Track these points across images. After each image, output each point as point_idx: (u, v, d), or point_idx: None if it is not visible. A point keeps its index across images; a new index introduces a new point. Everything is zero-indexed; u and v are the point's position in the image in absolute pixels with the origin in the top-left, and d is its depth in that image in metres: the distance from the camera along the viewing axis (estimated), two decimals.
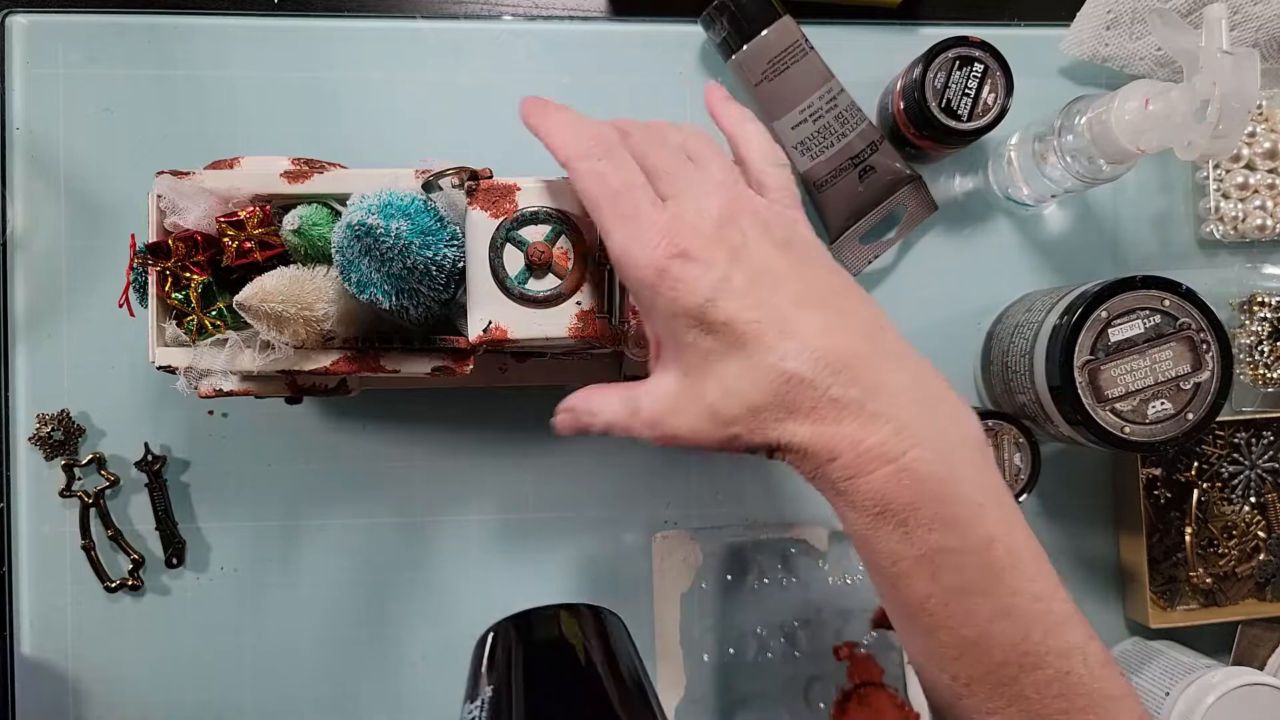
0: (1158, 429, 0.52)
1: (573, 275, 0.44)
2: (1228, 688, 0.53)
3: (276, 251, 0.46)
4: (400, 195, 0.44)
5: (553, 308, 0.44)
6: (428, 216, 0.44)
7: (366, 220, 0.42)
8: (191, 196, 0.46)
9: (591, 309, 0.44)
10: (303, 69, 0.60)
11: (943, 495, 0.34)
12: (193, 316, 0.46)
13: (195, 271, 0.46)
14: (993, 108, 0.55)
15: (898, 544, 0.34)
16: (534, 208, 0.44)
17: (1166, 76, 0.61)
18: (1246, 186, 0.62)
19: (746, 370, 0.35)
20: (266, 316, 0.43)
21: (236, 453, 0.59)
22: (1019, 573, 0.34)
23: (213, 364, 0.46)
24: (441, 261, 0.44)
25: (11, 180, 0.58)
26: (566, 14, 0.62)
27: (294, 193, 0.47)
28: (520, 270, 0.44)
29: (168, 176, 0.46)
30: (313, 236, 0.45)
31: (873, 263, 0.61)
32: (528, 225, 0.44)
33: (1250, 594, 0.62)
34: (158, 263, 0.46)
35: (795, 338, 0.34)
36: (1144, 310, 0.51)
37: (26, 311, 0.59)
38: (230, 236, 0.46)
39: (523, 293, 0.44)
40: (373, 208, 0.43)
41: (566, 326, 0.44)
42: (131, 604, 0.59)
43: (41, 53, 0.59)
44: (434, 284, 0.44)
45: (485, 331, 0.44)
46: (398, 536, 0.60)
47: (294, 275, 0.45)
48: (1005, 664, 0.34)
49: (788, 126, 0.58)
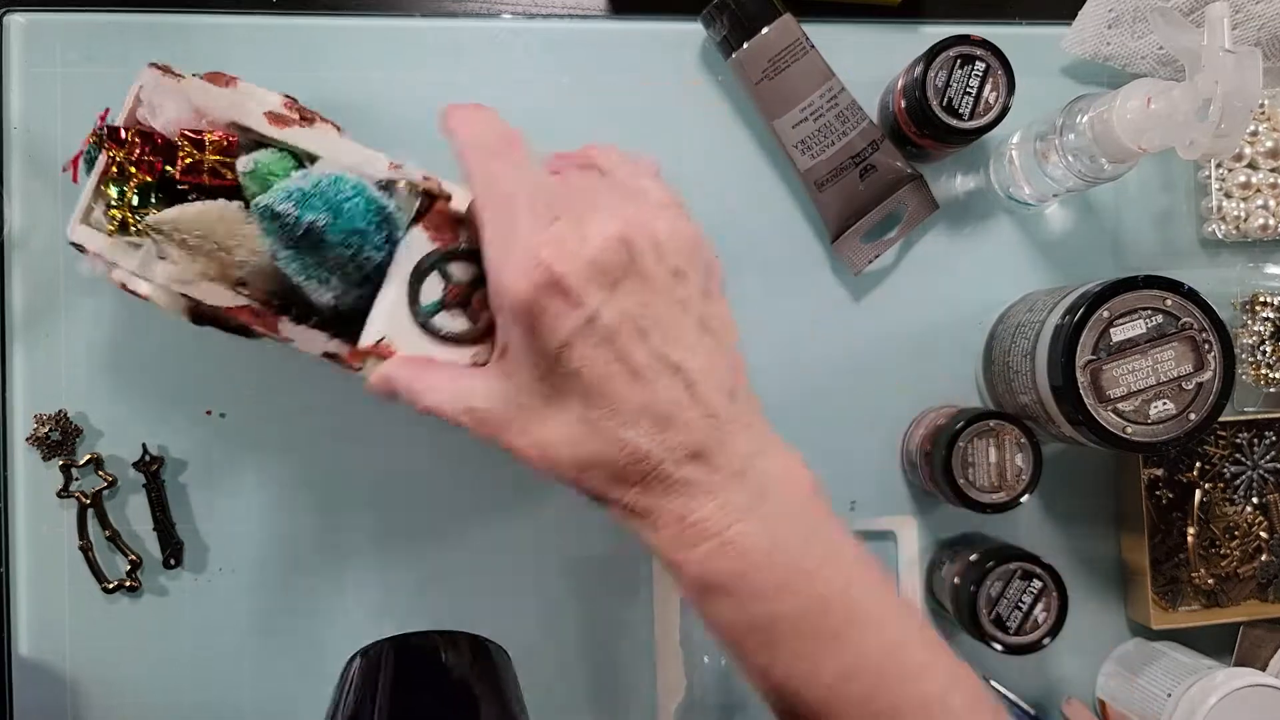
0: (1160, 429, 0.51)
1: (482, 327, 0.43)
2: (1229, 689, 0.53)
3: (226, 184, 0.45)
4: (344, 184, 0.42)
5: (450, 348, 0.43)
6: (362, 216, 0.42)
7: (275, 207, 0.41)
8: (171, 97, 0.45)
9: (485, 364, 0.44)
10: (303, 68, 0.60)
11: (769, 564, 0.33)
12: (120, 212, 0.46)
13: (141, 171, 0.45)
14: (994, 106, 0.55)
15: (729, 612, 0.34)
16: (473, 249, 0.43)
17: (1168, 75, 0.61)
18: (1249, 186, 0.61)
19: (586, 425, 0.34)
20: (177, 244, 0.42)
21: (235, 453, 0.59)
22: (864, 629, 0.34)
23: (124, 263, 0.46)
24: (363, 261, 0.43)
25: (9, 180, 0.58)
26: (566, 12, 0.61)
27: (271, 135, 0.46)
28: (434, 301, 0.43)
29: (156, 71, 0.45)
30: (267, 185, 0.44)
31: (873, 262, 0.61)
32: (460, 261, 0.44)
33: (1252, 595, 0.62)
34: (112, 148, 0.45)
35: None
36: (1146, 310, 0.51)
37: (24, 311, 0.58)
38: (185, 151, 0.45)
39: (427, 323, 0.43)
40: (292, 194, 0.41)
41: None
42: (129, 605, 0.59)
43: (40, 52, 0.58)
44: (348, 279, 0.43)
45: (375, 344, 0.43)
46: (398, 537, 0.60)
47: (223, 213, 0.43)
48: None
49: (788, 125, 0.58)
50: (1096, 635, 0.62)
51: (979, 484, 0.55)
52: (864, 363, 0.62)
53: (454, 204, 0.44)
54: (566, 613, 0.61)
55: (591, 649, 0.61)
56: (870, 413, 0.62)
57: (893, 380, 0.62)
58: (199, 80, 0.47)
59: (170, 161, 0.45)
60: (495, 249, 0.35)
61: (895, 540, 0.61)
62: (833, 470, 0.61)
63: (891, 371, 0.62)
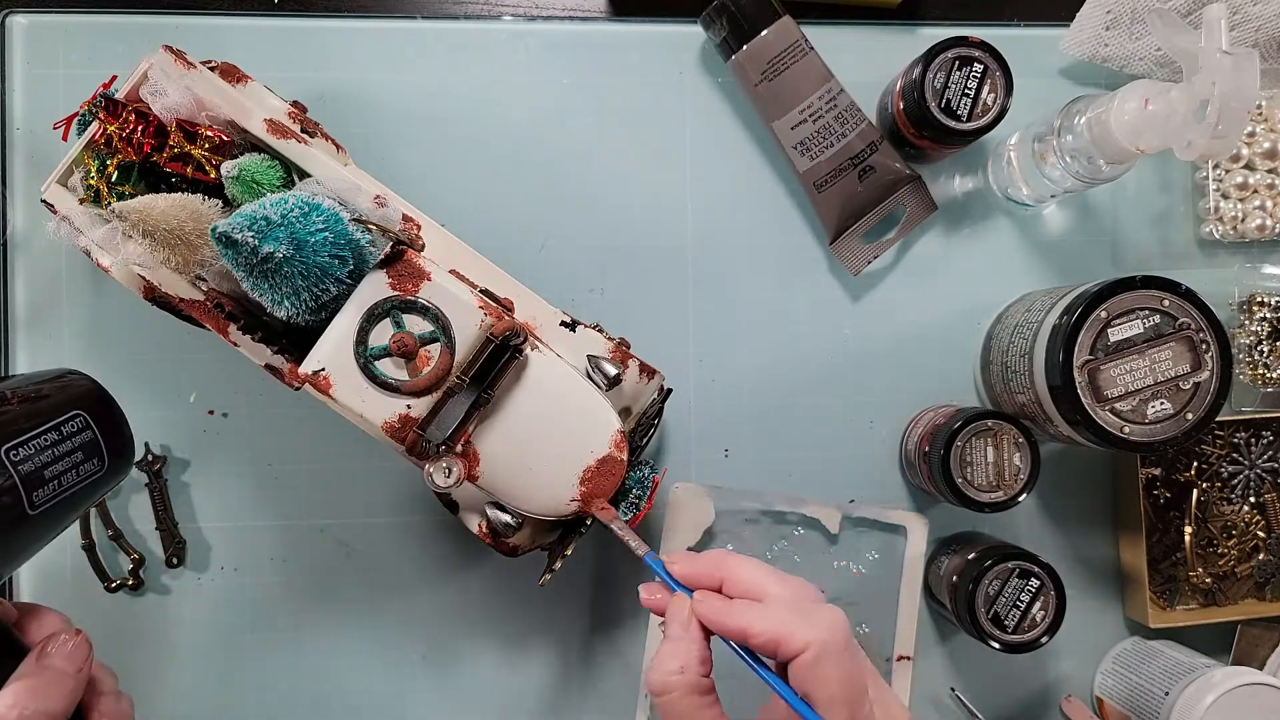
0: (1157, 429, 0.52)
1: (422, 380, 0.44)
2: (1227, 687, 0.53)
3: (207, 179, 0.45)
4: (315, 217, 0.42)
5: (386, 394, 0.44)
6: (327, 251, 0.42)
7: (233, 235, 0.40)
8: (176, 83, 0.45)
9: (417, 419, 0.44)
10: (303, 69, 0.60)
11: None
12: (98, 184, 0.46)
13: (128, 149, 0.45)
14: (992, 108, 0.56)
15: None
16: (429, 304, 0.44)
17: (1166, 77, 0.61)
18: (1246, 186, 0.62)
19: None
20: (142, 232, 0.42)
21: (236, 453, 0.59)
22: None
23: (90, 233, 0.46)
24: (320, 293, 0.43)
25: (12, 180, 0.58)
26: (566, 14, 0.62)
27: (266, 141, 0.46)
28: (380, 346, 0.44)
29: (169, 55, 0.45)
30: (252, 191, 0.44)
31: (872, 263, 0.61)
32: (414, 314, 0.44)
33: (1249, 594, 0.62)
34: (107, 119, 0.45)
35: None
36: (1143, 310, 0.51)
37: (26, 311, 0.59)
38: (176, 140, 0.45)
39: (368, 365, 0.44)
40: (256, 222, 0.41)
41: (386, 418, 0.44)
42: (132, 603, 0.59)
43: (42, 53, 0.59)
44: (303, 305, 0.43)
45: (314, 374, 0.44)
46: (398, 536, 0.60)
47: (195, 210, 0.43)
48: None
49: (787, 127, 0.58)
50: (1094, 634, 0.62)
51: (977, 483, 0.55)
52: (862, 363, 0.62)
53: (516, 313, 0.46)
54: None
55: (589, 629, 0.61)
56: (869, 413, 0.62)
57: (891, 380, 0.62)
58: (209, 73, 0.47)
59: (159, 147, 0.45)
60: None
61: (905, 535, 0.61)
62: (832, 470, 0.62)
63: (890, 371, 0.62)
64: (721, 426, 0.61)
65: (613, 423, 0.47)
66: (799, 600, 0.39)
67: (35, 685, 0.38)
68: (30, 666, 0.39)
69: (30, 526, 0.39)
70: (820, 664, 0.37)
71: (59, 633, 0.40)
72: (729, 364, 0.61)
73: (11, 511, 0.38)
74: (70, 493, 0.41)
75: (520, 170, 0.61)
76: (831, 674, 0.37)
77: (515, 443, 0.46)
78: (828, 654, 0.37)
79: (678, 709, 0.38)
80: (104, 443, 0.43)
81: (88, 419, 0.42)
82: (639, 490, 0.50)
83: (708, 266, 0.61)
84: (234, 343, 0.47)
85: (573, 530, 0.50)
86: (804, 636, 0.37)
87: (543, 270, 0.60)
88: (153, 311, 0.51)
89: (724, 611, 0.39)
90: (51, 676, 0.39)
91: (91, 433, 0.42)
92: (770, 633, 0.38)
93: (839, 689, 0.37)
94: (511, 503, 0.47)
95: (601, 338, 0.50)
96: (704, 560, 0.42)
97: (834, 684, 0.37)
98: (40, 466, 0.39)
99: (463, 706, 0.60)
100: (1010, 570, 0.55)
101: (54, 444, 0.40)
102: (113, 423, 0.43)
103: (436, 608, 0.60)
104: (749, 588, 0.40)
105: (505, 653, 0.61)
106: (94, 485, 0.42)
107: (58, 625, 0.42)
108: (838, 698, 0.37)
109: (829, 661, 0.37)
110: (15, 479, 0.38)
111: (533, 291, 0.50)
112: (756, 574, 0.40)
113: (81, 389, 0.43)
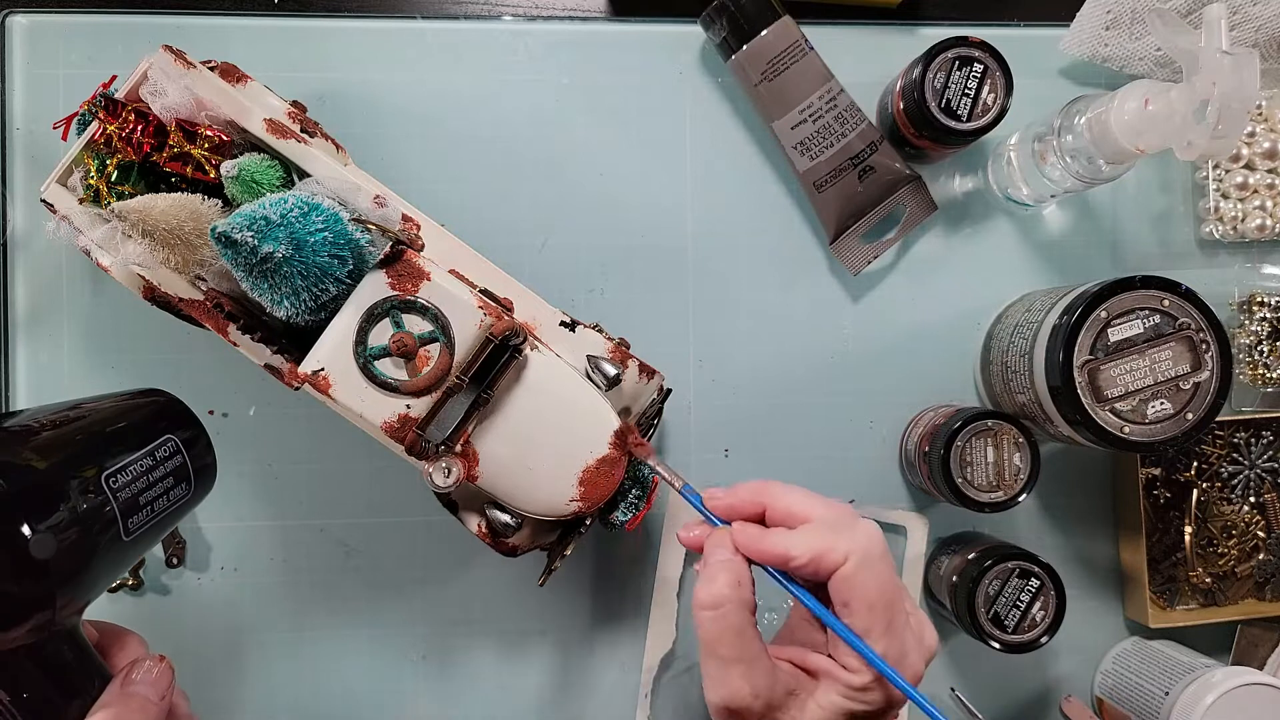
0: (1157, 429, 0.52)
1: (422, 380, 0.44)
2: (1227, 687, 0.53)
3: (207, 179, 0.45)
4: (315, 216, 0.42)
5: (386, 394, 0.44)
6: (327, 251, 0.42)
7: (232, 235, 0.40)
8: (176, 83, 0.45)
9: (416, 419, 0.44)
10: (303, 69, 0.60)
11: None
12: (97, 183, 0.46)
13: (128, 149, 0.45)
14: (992, 108, 0.56)
15: None
16: (429, 304, 0.44)
17: (1166, 77, 0.61)
18: (1246, 186, 0.62)
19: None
20: (141, 232, 0.42)
21: (236, 452, 0.59)
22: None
23: (90, 233, 0.46)
24: (320, 293, 0.43)
25: (12, 180, 0.58)
26: (566, 14, 0.62)
27: (266, 141, 0.46)
28: (380, 346, 0.44)
29: (169, 55, 0.45)
30: (251, 191, 0.44)
31: (873, 263, 0.61)
32: (413, 314, 0.44)
33: (1249, 594, 0.62)
34: (106, 118, 0.45)
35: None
36: (1143, 310, 0.51)
37: (27, 311, 0.59)
38: (175, 140, 0.45)
39: (367, 364, 0.44)
40: (255, 222, 0.40)
41: (385, 418, 0.44)
42: (132, 603, 0.59)
43: (42, 53, 0.59)
44: (303, 305, 0.43)
45: (313, 374, 0.44)
46: (398, 536, 0.60)
47: (195, 210, 0.43)
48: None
49: (787, 127, 0.58)
50: (1094, 634, 0.62)
51: (977, 483, 0.55)
52: (862, 363, 0.62)
53: (516, 313, 0.46)
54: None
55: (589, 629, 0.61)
56: (869, 413, 0.62)
57: (891, 380, 0.62)
58: (209, 73, 0.47)
59: (159, 147, 0.45)
60: (892, 644, 0.39)
61: (905, 534, 0.61)
62: (832, 470, 0.62)
63: (890, 371, 0.62)
64: (721, 426, 0.61)
65: (612, 423, 0.47)
66: (839, 519, 0.40)
67: (121, 715, 0.37)
68: (114, 694, 0.38)
69: (121, 552, 0.39)
70: (860, 572, 0.38)
71: (142, 658, 0.40)
72: (729, 364, 0.61)
73: (110, 538, 0.37)
74: (160, 518, 0.40)
75: (520, 170, 0.61)
76: (870, 581, 0.38)
77: (515, 443, 0.46)
78: (867, 562, 0.38)
79: (729, 622, 0.38)
80: (192, 466, 0.42)
81: (178, 443, 0.42)
82: (639, 490, 0.50)
83: (708, 266, 0.61)
84: (233, 342, 0.47)
85: (572, 530, 0.50)
86: (843, 548, 0.38)
87: (543, 270, 0.60)
88: (153, 311, 0.51)
89: (762, 539, 0.40)
90: (137, 704, 0.38)
91: (181, 457, 0.42)
92: (811, 552, 0.38)
93: (877, 594, 0.38)
94: (511, 503, 0.47)
95: (601, 338, 0.50)
96: (744, 490, 0.42)
97: (873, 590, 0.38)
98: (136, 493, 0.39)
99: (462, 706, 0.60)
100: (1010, 570, 0.55)
101: (148, 470, 0.40)
102: (200, 447, 0.43)
103: (436, 608, 0.60)
104: (794, 513, 0.40)
105: (505, 652, 0.61)
106: (180, 509, 0.42)
107: (139, 649, 0.41)
108: (877, 603, 0.38)
109: (868, 569, 0.38)
110: (114, 506, 0.37)
111: (532, 291, 0.50)
112: (801, 500, 0.40)
113: (173, 411, 0.43)
